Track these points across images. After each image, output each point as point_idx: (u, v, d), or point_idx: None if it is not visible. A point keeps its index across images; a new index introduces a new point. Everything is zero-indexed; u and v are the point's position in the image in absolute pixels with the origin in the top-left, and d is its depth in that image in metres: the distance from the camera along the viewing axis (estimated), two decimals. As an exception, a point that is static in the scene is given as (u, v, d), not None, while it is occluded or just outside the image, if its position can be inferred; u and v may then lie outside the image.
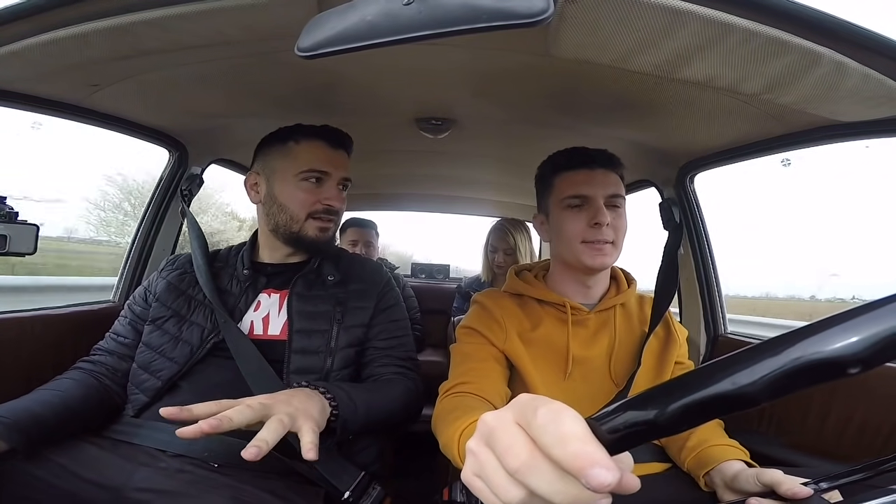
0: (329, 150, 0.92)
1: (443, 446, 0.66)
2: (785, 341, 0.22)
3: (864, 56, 0.58)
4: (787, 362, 0.21)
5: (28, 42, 0.65)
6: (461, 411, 0.67)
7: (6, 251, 0.83)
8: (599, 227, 0.82)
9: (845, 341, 0.21)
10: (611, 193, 0.84)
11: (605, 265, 0.85)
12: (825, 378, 0.21)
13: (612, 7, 0.54)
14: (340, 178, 0.93)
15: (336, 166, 0.92)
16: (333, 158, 0.92)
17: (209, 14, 0.60)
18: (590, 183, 0.84)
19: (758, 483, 0.60)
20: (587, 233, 0.83)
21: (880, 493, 0.45)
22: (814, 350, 0.21)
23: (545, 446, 0.25)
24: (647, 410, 0.24)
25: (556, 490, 0.24)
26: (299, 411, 0.63)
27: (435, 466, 1.28)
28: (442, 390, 0.79)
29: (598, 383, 0.85)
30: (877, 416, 0.82)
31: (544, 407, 0.26)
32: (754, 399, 0.22)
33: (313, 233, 0.91)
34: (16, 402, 0.75)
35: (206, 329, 0.86)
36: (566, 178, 0.86)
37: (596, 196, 0.83)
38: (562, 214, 0.86)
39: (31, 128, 1.42)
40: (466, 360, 0.82)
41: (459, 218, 2.94)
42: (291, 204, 0.90)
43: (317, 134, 0.92)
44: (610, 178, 0.85)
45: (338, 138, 0.93)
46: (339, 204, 0.92)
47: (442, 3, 0.41)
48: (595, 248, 0.83)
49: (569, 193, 0.85)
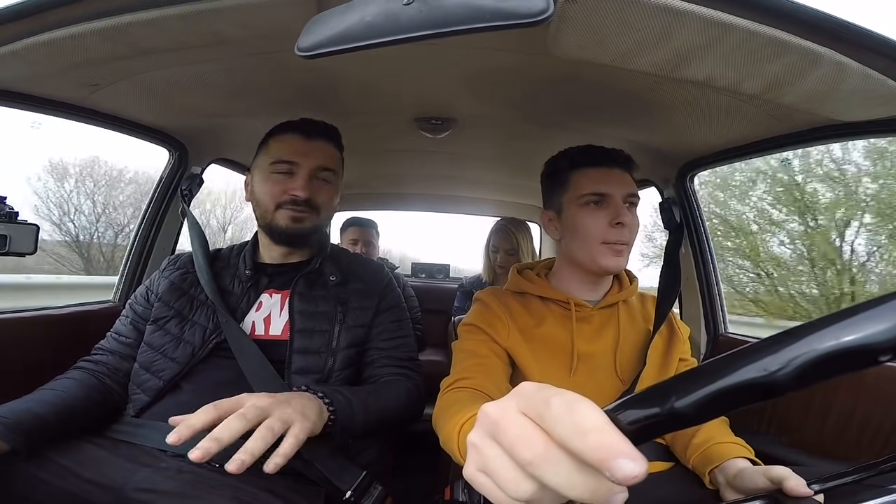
0: (301, 141, 0.90)
1: (443, 441, 0.66)
2: (813, 328, 0.21)
3: (864, 56, 0.58)
4: (815, 349, 0.21)
5: (27, 42, 0.65)
6: (461, 405, 0.66)
7: (6, 251, 0.83)
8: (621, 228, 0.81)
9: (876, 328, 0.20)
10: (630, 192, 0.83)
11: (621, 267, 0.84)
12: (855, 367, 0.21)
13: (612, 7, 0.54)
14: (313, 167, 0.90)
15: (307, 156, 0.89)
16: (306, 149, 0.90)
17: (209, 14, 0.60)
18: (609, 181, 0.82)
19: (765, 479, 0.59)
20: (608, 233, 0.81)
21: (871, 494, 0.45)
22: (846, 337, 0.20)
23: (562, 438, 0.23)
24: (668, 400, 0.23)
25: (572, 482, 0.23)
26: (296, 414, 0.63)
27: (436, 465, 1.28)
28: (443, 386, 0.78)
29: (604, 380, 0.84)
30: (877, 414, 0.82)
31: (557, 397, 0.24)
32: (782, 387, 0.21)
33: (284, 222, 0.89)
34: (16, 402, 0.75)
35: (207, 329, 0.86)
36: (585, 175, 0.83)
37: (616, 195, 0.82)
38: (579, 212, 0.83)
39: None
40: (468, 357, 0.81)
41: (458, 218, 2.94)
42: (263, 197, 0.91)
43: (291, 127, 0.91)
44: (626, 178, 0.84)
45: (313, 128, 0.92)
46: (304, 193, 0.88)
47: (442, 3, 0.41)
48: (615, 249, 0.82)
49: (588, 190, 0.82)
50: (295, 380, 0.83)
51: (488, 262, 2.08)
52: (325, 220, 0.95)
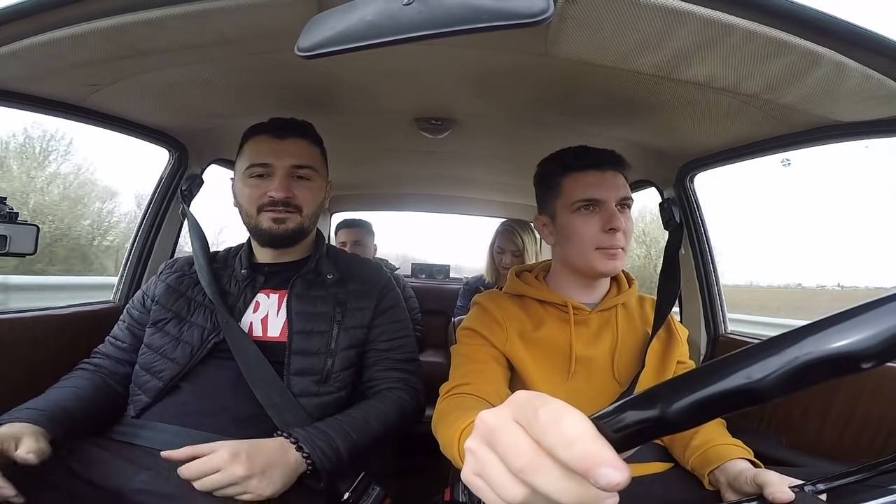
0: (272, 142, 0.89)
1: (443, 447, 0.66)
2: (796, 336, 0.22)
3: (864, 56, 0.58)
4: (798, 356, 0.21)
5: (27, 42, 0.65)
6: (461, 411, 0.67)
7: (6, 251, 0.83)
8: (614, 233, 0.81)
9: (858, 336, 0.20)
10: (622, 196, 0.83)
11: (617, 270, 0.84)
12: (837, 374, 0.21)
13: (612, 7, 0.54)
14: (288, 166, 0.89)
15: (280, 156, 0.88)
16: (278, 149, 0.89)
17: (209, 14, 0.60)
18: (601, 185, 0.82)
19: (753, 484, 0.60)
20: (602, 238, 0.81)
21: (874, 494, 0.45)
22: (826, 345, 0.21)
23: (550, 447, 0.24)
24: (654, 406, 0.24)
25: (561, 489, 0.24)
26: (268, 488, 0.66)
27: (436, 467, 1.28)
28: (442, 392, 0.79)
29: (602, 383, 0.84)
30: (877, 415, 0.82)
31: (545, 407, 0.25)
32: (764, 395, 0.22)
33: (267, 224, 0.89)
34: (42, 398, 0.77)
35: (206, 329, 0.86)
36: (576, 180, 0.83)
37: (608, 200, 0.81)
38: (572, 218, 0.83)
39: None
40: (467, 362, 0.81)
41: (457, 218, 2.94)
42: (244, 201, 0.91)
43: (261, 129, 0.91)
44: (619, 180, 0.84)
45: (284, 127, 0.91)
46: (279, 194, 0.87)
47: (442, 3, 0.41)
48: (609, 253, 0.82)
49: (581, 197, 0.82)
50: (294, 381, 0.83)
51: (492, 262, 2.08)
52: (310, 218, 0.93)
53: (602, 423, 0.25)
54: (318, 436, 0.74)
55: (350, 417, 0.81)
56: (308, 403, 0.82)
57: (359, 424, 0.80)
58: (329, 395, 0.85)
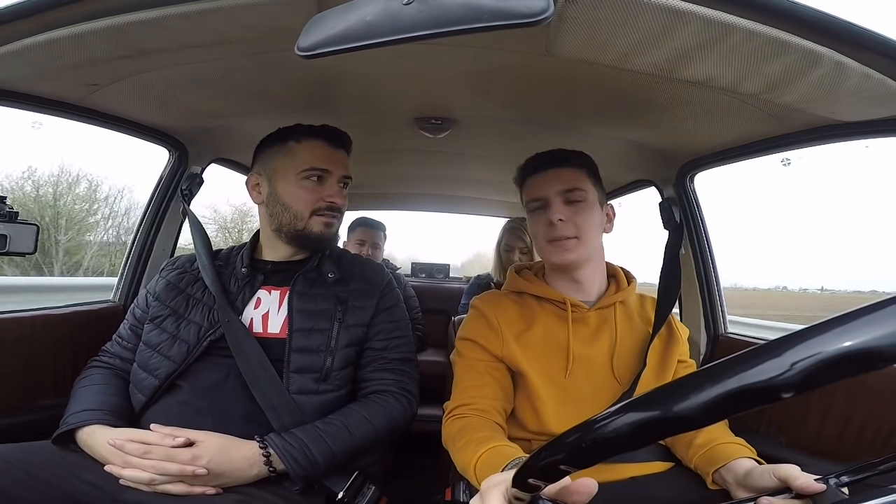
0: (329, 149, 0.92)
1: (460, 469, 0.73)
2: (804, 336, 0.22)
3: (864, 56, 0.58)
4: (811, 355, 0.21)
5: (27, 42, 0.65)
6: (468, 438, 0.73)
7: (6, 251, 0.83)
8: (553, 226, 0.84)
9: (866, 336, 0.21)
10: (567, 188, 0.85)
11: (569, 261, 0.85)
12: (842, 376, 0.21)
13: (612, 7, 0.54)
14: (341, 175, 0.93)
15: (336, 165, 0.92)
16: (333, 157, 0.92)
17: (209, 14, 0.60)
18: (543, 184, 0.87)
19: (773, 478, 0.59)
20: (548, 231, 0.86)
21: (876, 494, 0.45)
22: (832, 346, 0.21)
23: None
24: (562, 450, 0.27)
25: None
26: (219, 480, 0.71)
27: (435, 467, 1.28)
28: (446, 410, 0.83)
29: (601, 381, 0.84)
30: (877, 414, 0.82)
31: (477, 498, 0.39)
32: (781, 391, 0.22)
33: (318, 228, 0.91)
34: (86, 398, 0.81)
35: (203, 327, 0.86)
36: (528, 184, 0.90)
37: (549, 195, 0.86)
38: (531, 218, 0.91)
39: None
40: (466, 377, 0.85)
41: (456, 218, 2.94)
42: (295, 203, 0.91)
43: (317, 133, 0.92)
44: (563, 174, 0.86)
45: (337, 137, 0.94)
46: (340, 201, 0.93)
47: (442, 3, 0.41)
48: (557, 244, 0.85)
49: (529, 197, 0.89)
50: (293, 378, 0.83)
51: (499, 260, 2.07)
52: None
53: (519, 474, 0.27)
54: (293, 443, 0.75)
55: (329, 425, 0.80)
56: (307, 401, 0.82)
57: (337, 432, 0.79)
58: (328, 393, 0.85)
